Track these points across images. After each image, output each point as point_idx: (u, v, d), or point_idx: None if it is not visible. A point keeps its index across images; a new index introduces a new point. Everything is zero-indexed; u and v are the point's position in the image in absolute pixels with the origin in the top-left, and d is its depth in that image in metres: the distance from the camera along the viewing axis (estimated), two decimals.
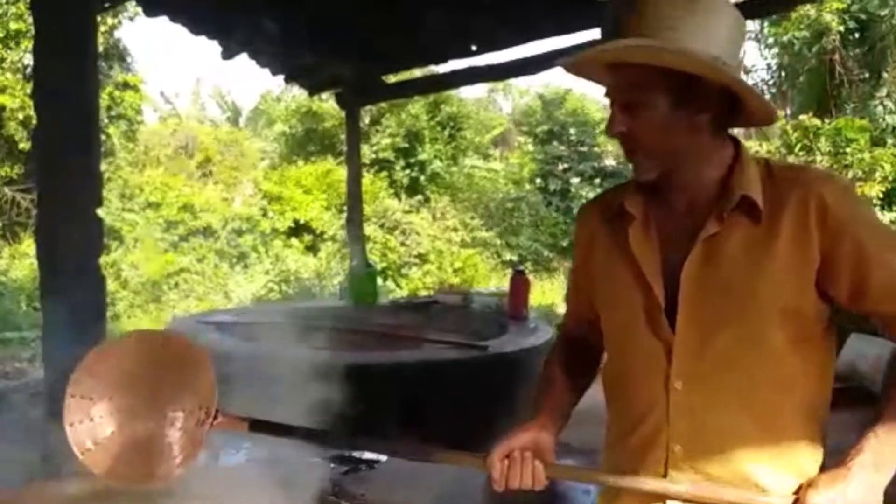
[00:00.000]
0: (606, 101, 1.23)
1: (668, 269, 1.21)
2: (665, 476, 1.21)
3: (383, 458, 1.90)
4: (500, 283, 11.05)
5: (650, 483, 1.19)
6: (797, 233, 1.15)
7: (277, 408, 1.60)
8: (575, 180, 15.67)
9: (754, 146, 11.86)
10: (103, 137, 9.39)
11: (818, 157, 9.68)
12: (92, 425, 1.31)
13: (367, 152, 12.37)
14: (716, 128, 1.19)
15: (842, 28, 11.75)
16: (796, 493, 1.12)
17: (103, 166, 3.21)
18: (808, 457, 1.20)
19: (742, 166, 1.19)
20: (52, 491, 1.46)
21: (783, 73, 14.12)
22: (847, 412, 1.39)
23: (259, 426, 1.31)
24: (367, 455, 1.96)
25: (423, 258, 12.03)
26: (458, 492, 1.61)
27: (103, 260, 3.18)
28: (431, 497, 1.58)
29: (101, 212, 3.13)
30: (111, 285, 8.70)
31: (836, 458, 1.15)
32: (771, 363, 1.16)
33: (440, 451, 1.29)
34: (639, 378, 1.24)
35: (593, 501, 1.41)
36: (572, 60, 1.20)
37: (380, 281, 5.41)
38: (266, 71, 5.66)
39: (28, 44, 9.82)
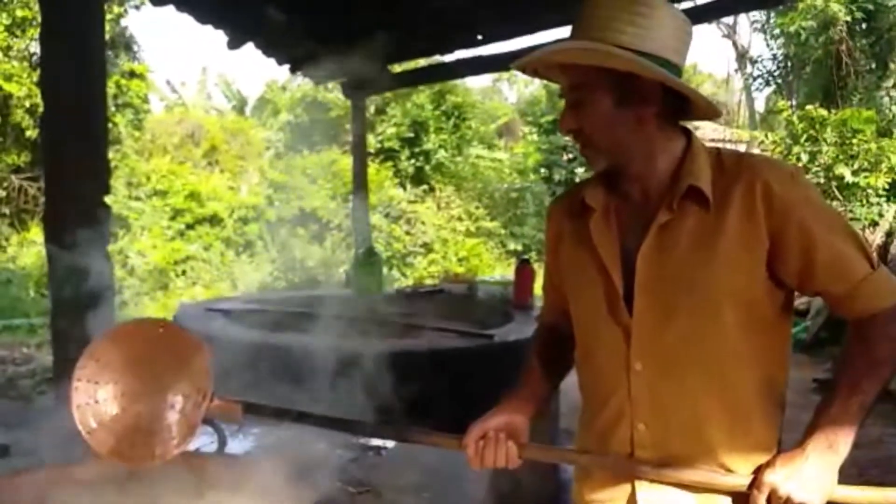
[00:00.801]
0: None
1: (626, 257, 1.27)
2: (631, 455, 1.27)
3: (390, 443, 1.91)
4: (504, 272, 11.06)
5: (615, 462, 1.27)
6: (745, 219, 1.20)
7: (282, 394, 1.62)
8: (579, 170, 15.62)
9: (759, 136, 11.81)
10: (110, 126, 9.41)
11: (824, 148, 9.63)
12: (97, 407, 1.38)
13: (372, 142, 12.38)
14: (662, 122, 1.25)
15: (849, 18, 11.69)
16: (755, 472, 1.18)
17: (110, 154, 3.23)
18: (766, 433, 1.26)
19: (692, 157, 1.25)
20: (59, 475, 1.48)
21: (789, 64, 14.07)
22: None
23: (253, 409, 1.38)
24: (375, 441, 1.97)
25: (427, 247, 12.05)
26: (464, 476, 1.62)
27: (111, 247, 3.19)
28: (438, 482, 1.59)
29: (108, 200, 3.14)
30: (118, 273, 8.74)
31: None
32: (726, 343, 1.22)
33: (419, 432, 1.36)
34: (602, 362, 1.31)
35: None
36: (523, 63, 1.29)
37: (385, 270, 5.43)
38: (272, 60, 5.66)
39: (34, 32, 9.83)
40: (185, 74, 28.29)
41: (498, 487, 1.78)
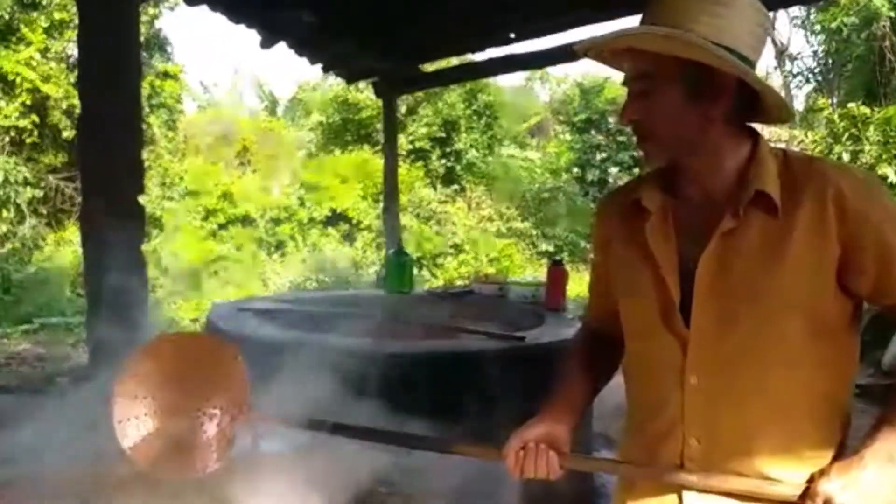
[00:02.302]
0: None
1: (684, 264, 1.21)
2: (682, 466, 1.22)
3: None
4: (535, 273, 11.00)
5: (662, 473, 1.22)
6: (815, 227, 1.13)
7: (313, 395, 1.61)
8: (613, 170, 15.51)
9: (799, 135, 11.59)
10: (144, 126, 9.56)
11: (866, 147, 9.42)
12: (137, 423, 1.40)
13: (403, 142, 12.39)
14: (730, 121, 1.18)
15: (892, 14, 11.40)
16: (809, 481, 1.12)
17: (144, 155, 3.25)
18: (825, 452, 1.19)
19: (759, 160, 1.18)
20: (96, 472, 1.50)
21: (830, 61, 13.79)
22: None
23: (287, 421, 1.40)
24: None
25: (458, 248, 12.04)
26: (496, 480, 1.60)
27: (144, 247, 3.22)
28: (469, 485, 1.58)
29: (142, 199, 3.17)
30: (151, 272, 8.86)
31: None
32: (786, 359, 1.16)
33: (458, 443, 1.33)
34: (654, 372, 1.26)
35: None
36: (586, 45, 1.20)
37: (415, 270, 5.43)
38: (304, 60, 5.68)
39: (71, 34, 10.03)
40: (217, 75, 28.59)
41: (530, 492, 1.75)
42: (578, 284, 11.30)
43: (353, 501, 1.46)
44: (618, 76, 1.24)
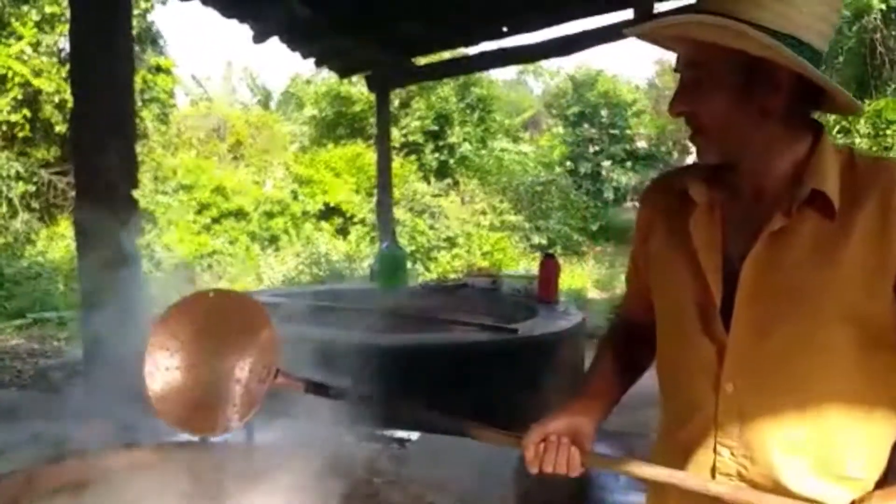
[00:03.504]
0: (639, 83, 1.22)
1: (728, 263, 1.13)
2: (713, 478, 1.15)
3: (415, 436, 1.91)
4: (529, 266, 11.03)
5: (690, 480, 1.13)
6: (875, 232, 1.04)
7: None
8: (606, 163, 15.55)
9: None
10: (137, 120, 9.52)
11: (857, 140, 9.46)
12: (166, 375, 1.39)
13: (396, 135, 12.39)
14: (790, 114, 1.08)
15: (883, 6, 11.44)
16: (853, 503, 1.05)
17: (137, 149, 3.25)
18: (868, 474, 1.10)
19: (819, 156, 1.09)
20: (88, 464, 1.50)
21: None
22: None
23: (313, 388, 1.36)
24: (399, 434, 1.97)
25: (451, 241, 12.05)
26: (488, 470, 1.61)
27: (137, 241, 3.23)
28: (463, 475, 1.58)
29: (135, 194, 3.17)
30: (145, 266, 8.84)
31: None
32: (833, 371, 1.07)
33: (478, 428, 1.28)
34: (687, 377, 1.18)
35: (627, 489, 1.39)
36: (637, 31, 1.13)
37: (409, 264, 5.45)
38: (296, 54, 5.68)
39: (63, 28, 9.98)
40: (209, 69, 28.44)
41: (523, 480, 1.76)
42: (570, 277, 11.36)
43: (350, 493, 1.45)
44: (611, 69, 1.20)
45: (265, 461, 1.51)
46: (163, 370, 1.39)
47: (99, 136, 2.98)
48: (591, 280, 11.44)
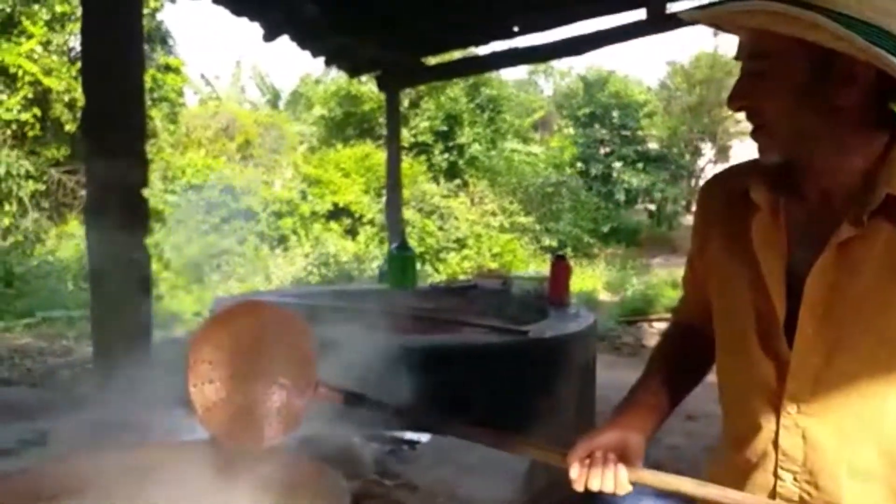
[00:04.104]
0: (650, 83, 1.14)
1: (792, 274, 1.04)
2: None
3: (424, 438, 1.90)
4: (539, 268, 11.00)
5: (748, 501, 1.06)
6: None
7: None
8: (617, 164, 15.51)
9: None
10: (146, 119, 9.54)
11: None
12: (210, 388, 1.38)
13: (405, 136, 12.39)
14: (865, 109, 0.99)
15: None
16: None
17: (146, 148, 3.26)
18: None
19: (894, 157, 0.99)
20: (97, 461, 1.49)
21: None
22: None
23: (352, 399, 1.36)
24: (409, 436, 1.96)
25: (461, 243, 12.04)
26: (498, 472, 1.60)
27: (147, 240, 3.22)
28: (472, 477, 1.58)
29: (145, 193, 3.17)
30: (153, 265, 8.86)
31: None
32: None
33: (521, 442, 1.24)
34: (747, 392, 1.10)
35: None
36: (694, 16, 1.04)
37: (418, 265, 5.44)
38: (306, 53, 5.67)
39: (73, 27, 10.02)
40: (218, 68, 28.55)
41: (534, 484, 1.75)
42: (581, 280, 11.32)
43: (360, 493, 1.44)
44: (622, 70, 1.14)
45: (273, 460, 1.49)
46: (207, 383, 1.38)
47: (110, 134, 2.98)
48: (601, 282, 11.40)
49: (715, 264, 1.17)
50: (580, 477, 1.11)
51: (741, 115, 1.07)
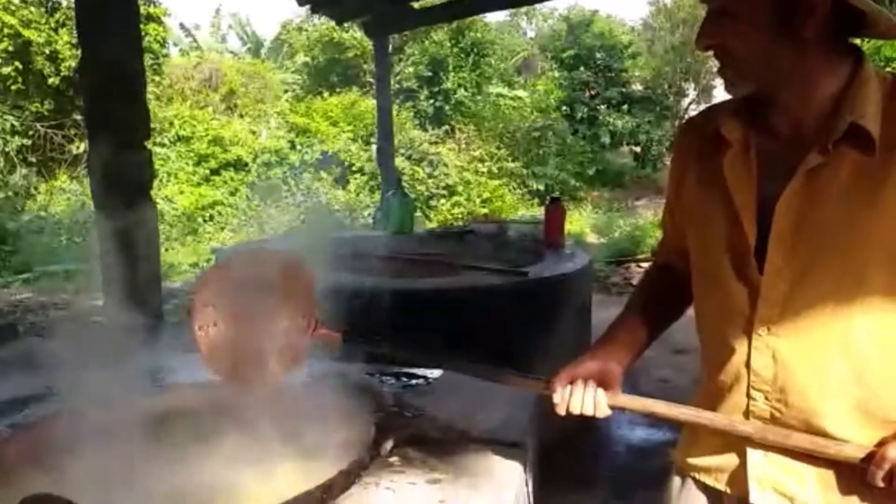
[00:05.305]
0: (633, 23, 1.16)
1: (763, 204, 1.07)
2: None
3: (436, 373, 1.97)
4: (527, 212, 11.07)
5: (718, 420, 1.14)
6: None
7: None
8: (602, 107, 15.44)
9: None
10: None
11: None
12: (214, 330, 1.43)
13: (391, 82, 12.26)
14: (827, 40, 1.01)
15: None
16: (878, 445, 1.03)
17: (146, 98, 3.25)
18: None
19: (858, 87, 1.02)
20: (110, 411, 1.51)
21: None
22: None
23: (350, 337, 1.42)
24: (421, 371, 2.04)
25: (450, 189, 12.04)
26: (510, 402, 1.68)
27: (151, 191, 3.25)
28: (485, 407, 1.66)
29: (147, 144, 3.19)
30: None
31: None
32: (873, 316, 1.03)
33: (506, 374, 1.33)
34: (720, 321, 1.15)
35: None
36: None
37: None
38: (291, 1, 5.60)
39: None
40: (197, 17, 27.77)
41: (542, 412, 1.83)
42: (569, 222, 11.38)
43: (383, 425, 1.51)
44: (604, 10, 1.13)
45: (297, 392, 1.54)
46: (210, 326, 1.43)
47: (109, 86, 2.98)
48: (589, 225, 11.51)
49: (691, 202, 1.21)
50: (562, 401, 1.20)
51: None
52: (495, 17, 19.51)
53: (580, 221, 11.55)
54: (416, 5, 6.52)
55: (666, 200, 1.35)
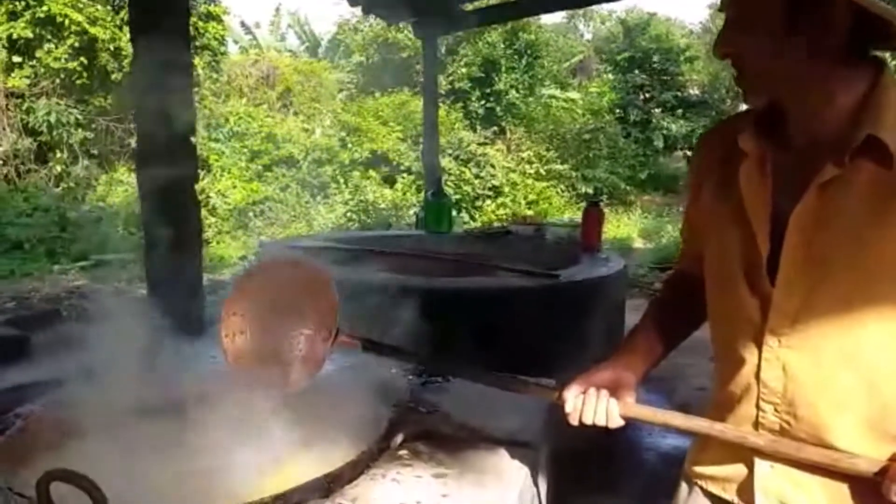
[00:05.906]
0: (692, 27, 1.14)
1: (777, 217, 1.06)
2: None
3: None
4: (574, 215, 10.99)
5: (729, 432, 1.12)
6: None
7: (360, 329, 1.70)
8: (656, 111, 15.22)
9: None
10: None
11: None
12: (242, 338, 1.52)
13: (442, 83, 12.31)
14: (845, 51, 0.99)
15: None
16: (891, 459, 1.01)
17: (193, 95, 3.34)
18: None
19: (877, 98, 0.99)
20: (129, 395, 1.54)
21: None
22: None
23: (369, 346, 1.46)
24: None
25: (497, 190, 12.03)
26: (526, 404, 1.68)
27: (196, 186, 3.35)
28: (502, 408, 1.67)
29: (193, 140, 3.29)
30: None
31: None
32: (886, 331, 1.01)
33: (517, 381, 1.33)
34: (731, 331, 1.14)
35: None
36: None
37: (454, 213, 5.51)
38: (344, 1, 5.68)
39: None
40: (258, 15, 28.32)
41: (558, 414, 1.83)
42: (617, 227, 11.29)
43: (397, 420, 1.53)
44: (663, 12, 1.12)
45: (319, 386, 1.58)
46: (238, 334, 1.52)
47: (157, 83, 3.07)
48: (637, 230, 11.36)
49: (707, 211, 1.20)
50: (574, 411, 1.19)
51: None
52: (552, 19, 19.43)
53: (629, 226, 11.42)
54: (467, 7, 6.55)
55: (685, 209, 1.34)
